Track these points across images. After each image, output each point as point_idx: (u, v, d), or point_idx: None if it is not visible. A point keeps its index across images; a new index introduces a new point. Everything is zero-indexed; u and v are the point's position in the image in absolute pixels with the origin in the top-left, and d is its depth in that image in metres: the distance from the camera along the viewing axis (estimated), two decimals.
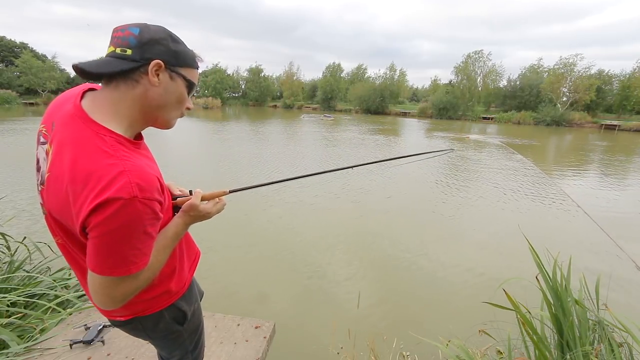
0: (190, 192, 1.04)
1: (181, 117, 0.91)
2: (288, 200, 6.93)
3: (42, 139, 0.82)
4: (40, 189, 0.82)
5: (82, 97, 0.80)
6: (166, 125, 0.88)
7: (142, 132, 0.93)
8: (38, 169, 0.83)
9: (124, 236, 0.72)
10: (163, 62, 0.78)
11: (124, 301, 0.81)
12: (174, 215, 0.96)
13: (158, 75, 0.79)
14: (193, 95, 0.91)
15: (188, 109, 0.90)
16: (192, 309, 1.11)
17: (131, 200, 0.70)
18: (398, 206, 6.88)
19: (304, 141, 17.12)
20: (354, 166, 1.38)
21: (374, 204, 6.95)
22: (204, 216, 0.97)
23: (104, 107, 0.78)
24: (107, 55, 0.78)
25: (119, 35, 0.77)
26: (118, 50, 0.76)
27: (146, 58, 0.77)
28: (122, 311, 0.96)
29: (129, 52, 0.76)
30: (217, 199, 1.00)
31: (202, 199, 0.97)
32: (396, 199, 7.33)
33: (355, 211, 6.47)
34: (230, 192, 1.04)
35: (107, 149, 0.73)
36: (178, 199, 1.00)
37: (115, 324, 1.01)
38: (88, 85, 0.86)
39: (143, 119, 0.83)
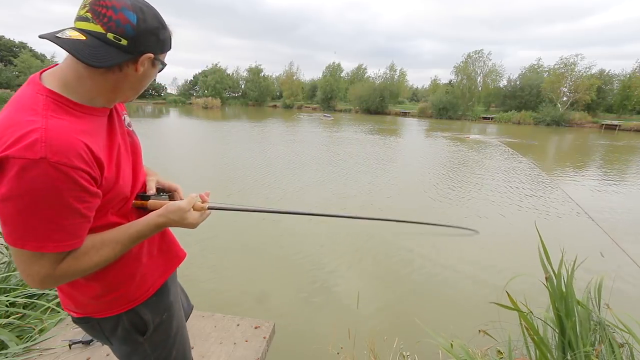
0: (158, 190, 0.95)
1: None
2: (288, 200, 6.93)
3: None
4: None
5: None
6: (128, 101, 0.85)
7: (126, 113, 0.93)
8: None
9: (32, 205, 0.63)
10: (152, 53, 0.76)
11: (45, 284, 0.71)
12: (142, 215, 0.87)
13: (144, 64, 0.76)
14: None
15: None
16: (157, 320, 0.98)
17: (38, 162, 0.61)
18: (399, 206, 6.87)
19: (300, 142, 17.11)
20: (365, 218, 1.50)
21: (374, 204, 6.94)
22: (185, 225, 0.86)
23: (63, 77, 0.72)
24: (92, 34, 0.69)
25: (112, 17, 0.69)
26: (110, 35, 0.69)
27: (140, 51, 0.73)
28: (73, 306, 0.89)
29: (124, 42, 0.70)
30: (204, 211, 0.91)
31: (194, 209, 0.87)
32: (397, 200, 7.32)
33: (355, 211, 6.46)
34: (209, 209, 0.92)
35: (36, 106, 0.66)
36: (151, 200, 0.88)
37: (72, 319, 0.93)
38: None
39: (110, 96, 0.78)
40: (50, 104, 0.68)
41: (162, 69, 0.84)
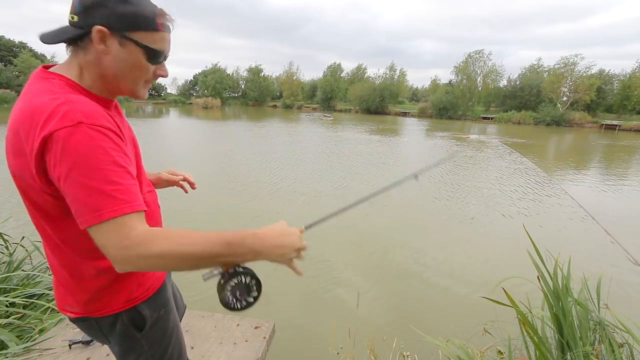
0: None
1: (152, 83, 0.87)
2: (288, 198, 6.93)
3: None
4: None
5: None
6: (132, 94, 0.85)
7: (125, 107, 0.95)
8: None
9: (89, 167, 0.66)
10: (107, 27, 0.73)
11: (140, 247, 0.66)
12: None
13: (105, 42, 0.74)
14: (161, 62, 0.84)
15: (160, 76, 0.86)
16: (155, 315, 0.99)
17: (77, 126, 0.66)
18: (399, 206, 6.87)
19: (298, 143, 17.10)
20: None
21: (373, 203, 6.93)
22: (288, 251, 0.83)
23: (63, 66, 0.79)
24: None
25: (73, 1, 0.75)
26: (70, 17, 0.75)
27: (89, 24, 0.73)
28: (71, 306, 0.90)
29: (75, 18, 0.74)
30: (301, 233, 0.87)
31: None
32: (396, 199, 7.32)
33: (355, 211, 6.45)
34: (307, 228, 0.89)
35: (52, 88, 0.72)
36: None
37: (70, 319, 0.94)
38: None
39: (104, 86, 0.80)
40: (65, 85, 0.74)
41: (153, 53, 0.79)
